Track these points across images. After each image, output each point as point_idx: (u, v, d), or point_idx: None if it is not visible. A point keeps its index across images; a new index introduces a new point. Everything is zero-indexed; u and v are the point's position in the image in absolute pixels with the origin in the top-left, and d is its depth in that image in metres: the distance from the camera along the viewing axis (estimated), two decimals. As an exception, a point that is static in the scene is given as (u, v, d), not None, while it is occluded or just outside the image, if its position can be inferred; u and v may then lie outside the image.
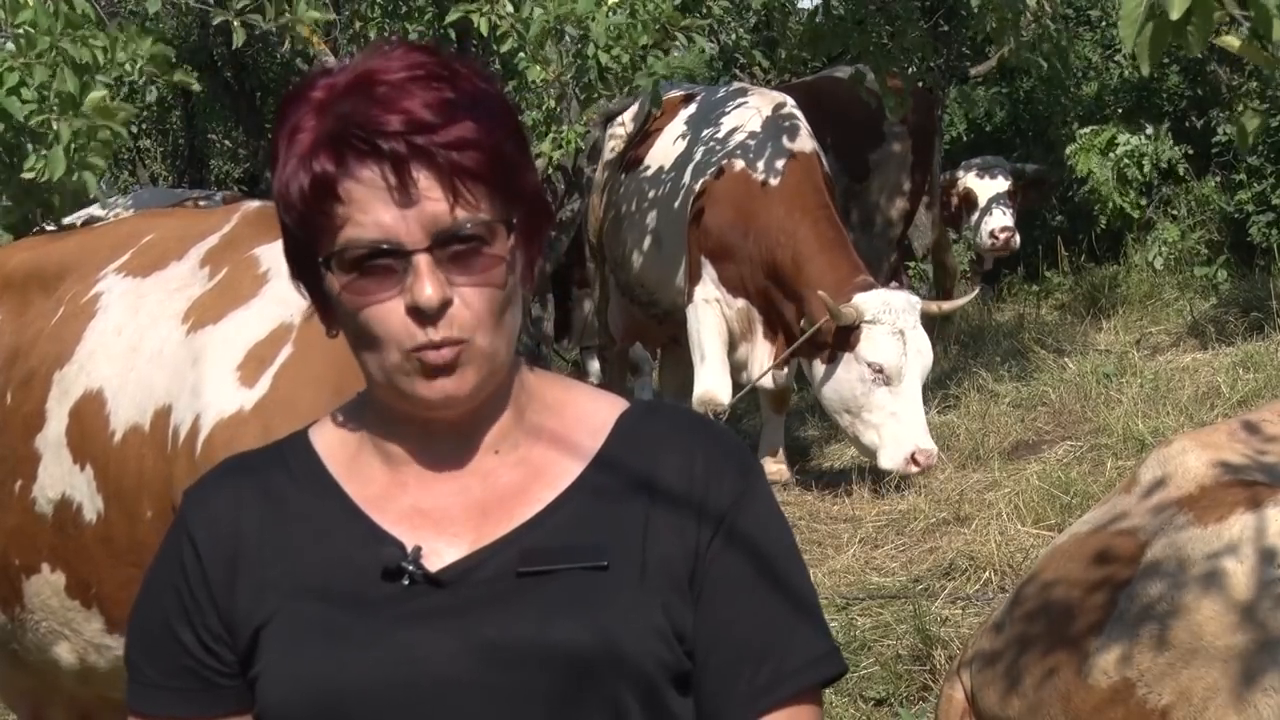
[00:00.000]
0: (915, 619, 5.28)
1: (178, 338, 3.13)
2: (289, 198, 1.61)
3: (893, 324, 7.06)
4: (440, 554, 1.63)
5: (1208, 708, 2.46)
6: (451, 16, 6.66)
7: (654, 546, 1.63)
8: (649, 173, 8.07)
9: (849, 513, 7.03)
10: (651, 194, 8.03)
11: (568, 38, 6.65)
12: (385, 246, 1.58)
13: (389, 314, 1.59)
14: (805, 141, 7.71)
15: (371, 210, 1.58)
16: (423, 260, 1.58)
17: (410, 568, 1.61)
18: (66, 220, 5.08)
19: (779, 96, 8.07)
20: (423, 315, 1.58)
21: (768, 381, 7.62)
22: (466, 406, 1.64)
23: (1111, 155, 11.05)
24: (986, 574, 5.85)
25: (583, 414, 1.71)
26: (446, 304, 1.59)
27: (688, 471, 1.66)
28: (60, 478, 3.26)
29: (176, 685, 1.68)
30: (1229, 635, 2.50)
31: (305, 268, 1.65)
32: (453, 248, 1.59)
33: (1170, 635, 2.54)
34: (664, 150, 8.05)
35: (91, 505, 3.19)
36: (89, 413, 3.23)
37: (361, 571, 1.62)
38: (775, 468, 7.66)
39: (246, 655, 1.65)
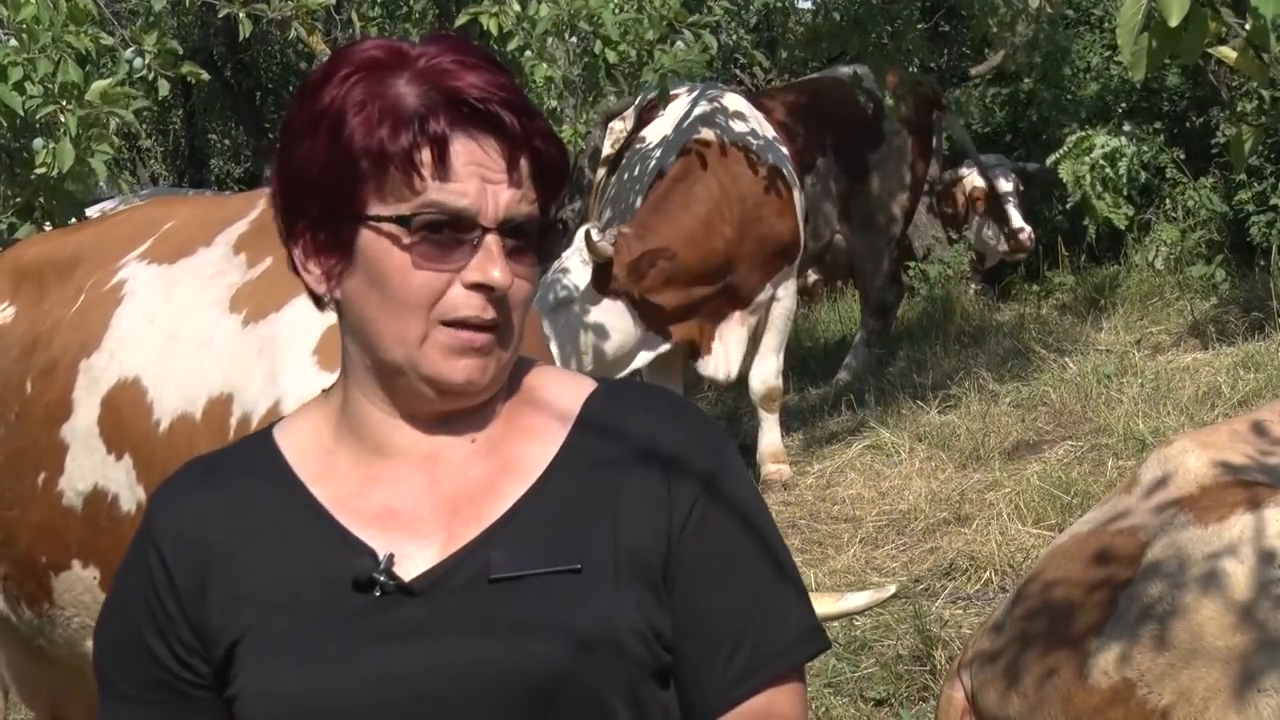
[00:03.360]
0: (915, 619, 5.29)
1: (231, 326, 3.07)
2: (365, 148, 1.57)
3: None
4: (411, 557, 1.60)
5: (1208, 708, 2.46)
6: (460, 21, 6.67)
7: (625, 539, 1.61)
8: (626, 175, 8.09)
9: (849, 513, 7.02)
10: (627, 197, 8.06)
11: (575, 36, 6.65)
12: (465, 217, 1.57)
13: (442, 284, 1.58)
14: (712, 132, 7.71)
15: (464, 179, 1.57)
16: (494, 240, 1.58)
17: (382, 578, 1.58)
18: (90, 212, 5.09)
19: (731, 97, 8.08)
20: (486, 293, 1.58)
21: (759, 382, 7.73)
22: (478, 399, 1.63)
23: (1087, 160, 10.99)
24: (987, 574, 5.85)
25: (552, 398, 1.69)
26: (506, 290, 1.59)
27: (657, 457, 1.64)
28: (92, 468, 3.18)
29: (151, 698, 1.65)
30: (1229, 636, 2.50)
31: (323, 221, 1.61)
32: (510, 239, 1.59)
33: (1171, 635, 2.54)
34: (638, 153, 8.08)
35: (131, 495, 3.12)
36: (126, 401, 3.15)
37: (333, 583, 1.60)
38: (775, 467, 7.65)
39: (221, 668, 1.62)
